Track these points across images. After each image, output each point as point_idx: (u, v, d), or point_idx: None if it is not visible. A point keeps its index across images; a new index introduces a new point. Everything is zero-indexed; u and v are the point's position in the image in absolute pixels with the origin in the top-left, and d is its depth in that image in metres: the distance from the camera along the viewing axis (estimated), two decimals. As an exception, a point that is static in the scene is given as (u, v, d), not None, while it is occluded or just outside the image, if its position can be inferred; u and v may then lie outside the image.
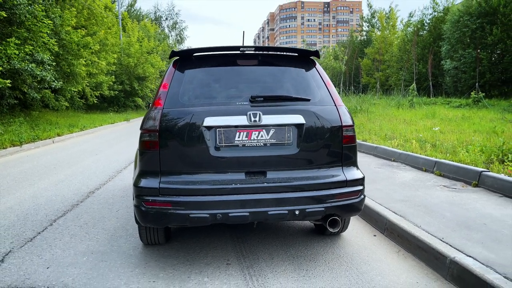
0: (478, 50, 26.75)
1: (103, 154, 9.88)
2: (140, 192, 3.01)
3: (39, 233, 4.10)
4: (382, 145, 8.26)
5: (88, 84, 19.82)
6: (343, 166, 3.22)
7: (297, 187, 3.04)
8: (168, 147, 3.02)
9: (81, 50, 17.58)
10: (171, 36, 54.93)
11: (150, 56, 30.76)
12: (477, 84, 24.98)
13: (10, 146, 10.28)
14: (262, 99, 3.11)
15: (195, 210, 2.91)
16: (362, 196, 3.23)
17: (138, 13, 50.37)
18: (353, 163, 3.29)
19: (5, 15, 12.20)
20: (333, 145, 3.18)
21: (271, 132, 3.06)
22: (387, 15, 45.79)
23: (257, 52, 3.40)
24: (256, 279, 3.02)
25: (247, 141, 3.03)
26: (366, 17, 49.26)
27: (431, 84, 29.62)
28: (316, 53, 3.48)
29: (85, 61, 18.00)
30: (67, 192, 5.89)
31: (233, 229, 4.08)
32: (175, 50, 3.32)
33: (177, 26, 55.88)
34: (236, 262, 3.33)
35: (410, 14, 44.73)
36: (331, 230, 3.19)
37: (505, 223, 3.72)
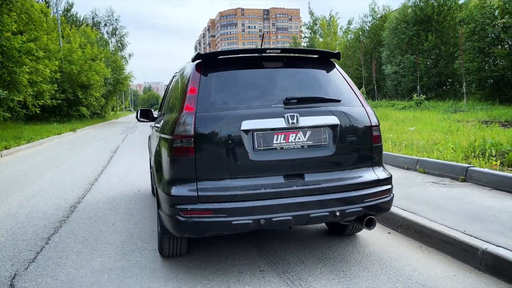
0: (415, 56, 28.50)
1: (64, 167, 9.27)
2: (175, 201, 2.84)
3: (38, 252, 3.75)
4: (355, 147, 8.48)
5: (31, 93, 18.52)
6: (373, 166, 3.26)
7: (335, 188, 3.02)
8: (204, 153, 2.88)
9: (23, 57, 16.45)
10: (111, 42, 52.94)
11: (95, 63, 29.40)
12: (418, 87, 26.57)
13: (-44, 162, 9.36)
14: (296, 101, 3.07)
15: (238, 216, 2.80)
16: (392, 195, 3.30)
17: (75, 18, 48.05)
18: (380, 162, 3.34)
19: None
20: (364, 145, 3.21)
21: (308, 134, 3.02)
22: (328, 22, 47.47)
23: (281, 54, 3.37)
24: (299, 283, 2.96)
25: (285, 144, 2.98)
26: (308, 24, 50.67)
27: (375, 87, 31.09)
28: (337, 55, 3.49)
29: (28, 68, 16.85)
30: (46, 207, 5.45)
31: (251, 235, 3.98)
32: (201, 53, 3.19)
33: (117, 32, 54.00)
34: (269, 268, 3.25)
35: (349, 21, 46.79)
36: (367, 229, 3.20)
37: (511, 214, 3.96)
